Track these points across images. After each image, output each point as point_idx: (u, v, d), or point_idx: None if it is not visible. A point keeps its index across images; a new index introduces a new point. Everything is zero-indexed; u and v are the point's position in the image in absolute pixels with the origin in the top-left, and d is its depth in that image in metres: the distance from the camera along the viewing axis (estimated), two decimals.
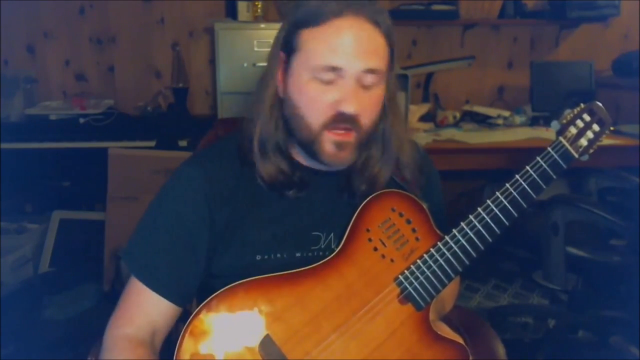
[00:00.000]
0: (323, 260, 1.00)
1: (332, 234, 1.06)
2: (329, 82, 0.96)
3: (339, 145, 0.98)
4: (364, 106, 0.97)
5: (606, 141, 1.16)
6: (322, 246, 1.05)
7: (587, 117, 1.12)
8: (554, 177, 1.09)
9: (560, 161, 1.09)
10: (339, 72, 0.95)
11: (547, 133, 2.79)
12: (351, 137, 0.98)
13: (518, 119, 3.02)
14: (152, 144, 2.70)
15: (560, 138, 1.10)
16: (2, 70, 3.00)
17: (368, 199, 1.04)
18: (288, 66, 1.00)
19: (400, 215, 1.05)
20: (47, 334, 2.25)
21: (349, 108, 0.95)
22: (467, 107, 3.17)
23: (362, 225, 1.03)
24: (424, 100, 3.14)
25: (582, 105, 1.13)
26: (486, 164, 2.76)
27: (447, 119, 3.01)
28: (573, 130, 1.11)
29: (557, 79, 3.08)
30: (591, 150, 1.12)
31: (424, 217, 1.07)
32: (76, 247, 2.80)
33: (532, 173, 1.07)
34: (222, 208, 1.00)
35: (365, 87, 0.97)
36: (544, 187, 1.08)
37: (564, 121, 1.12)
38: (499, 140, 2.73)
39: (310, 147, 1.00)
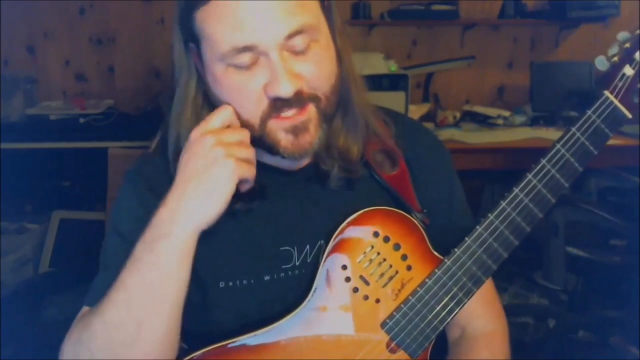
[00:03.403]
0: (293, 313, 0.81)
1: (307, 247, 0.86)
2: (250, 65, 0.75)
3: (295, 130, 0.78)
4: (308, 73, 0.77)
5: None
6: (297, 263, 0.86)
7: None
8: (595, 153, 0.79)
9: (605, 128, 0.78)
10: (256, 51, 0.74)
11: (548, 133, 2.79)
12: (306, 113, 0.78)
13: (518, 119, 3.02)
14: None
15: (606, 93, 0.78)
16: (2, 70, 3.00)
17: (342, 225, 0.82)
18: (201, 58, 0.80)
19: (386, 240, 0.82)
20: (47, 334, 2.24)
21: (284, 91, 0.74)
22: (467, 107, 3.16)
23: (337, 262, 0.82)
24: (424, 100, 3.14)
25: None
26: (486, 164, 2.76)
27: (447, 119, 3.01)
28: (629, 71, 0.77)
29: (557, 79, 3.08)
30: None
31: (418, 238, 0.84)
32: (76, 247, 2.79)
33: (565, 153, 0.79)
34: None
35: (300, 52, 0.76)
36: (580, 169, 0.80)
37: (615, 57, 0.78)
38: (499, 140, 2.73)
39: (262, 144, 0.80)
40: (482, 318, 0.96)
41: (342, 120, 0.85)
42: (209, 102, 0.83)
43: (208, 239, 0.82)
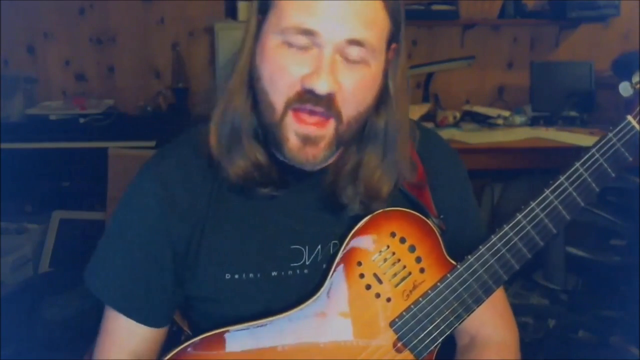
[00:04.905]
0: (302, 306, 0.82)
1: (318, 248, 0.86)
2: (302, 49, 0.75)
3: (305, 139, 0.77)
4: (346, 86, 0.76)
5: None
6: (307, 262, 0.86)
7: None
8: (613, 175, 0.81)
9: (624, 152, 0.80)
10: (315, 39, 0.74)
11: (547, 133, 2.79)
12: (324, 128, 0.77)
13: (518, 119, 3.01)
14: (152, 144, 2.69)
15: (629, 118, 0.79)
16: (2, 70, 3.00)
17: (360, 224, 0.83)
18: (259, 29, 0.79)
19: (402, 241, 0.84)
20: (47, 334, 2.24)
21: (320, 86, 0.73)
22: (467, 107, 3.16)
23: (353, 258, 0.83)
24: (424, 100, 3.13)
25: None
26: (486, 164, 2.75)
27: (447, 119, 3.00)
28: None
29: (557, 79, 3.08)
30: None
31: (433, 242, 0.85)
32: (76, 247, 2.79)
33: (583, 172, 0.81)
34: (182, 222, 0.84)
35: (350, 63, 0.76)
36: (597, 189, 0.81)
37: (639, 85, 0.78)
38: (499, 140, 2.73)
39: (274, 135, 0.79)
40: (493, 327, 0.96)
41: (381, 157, 0.85)
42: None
43: (221, 230, 0.83)
